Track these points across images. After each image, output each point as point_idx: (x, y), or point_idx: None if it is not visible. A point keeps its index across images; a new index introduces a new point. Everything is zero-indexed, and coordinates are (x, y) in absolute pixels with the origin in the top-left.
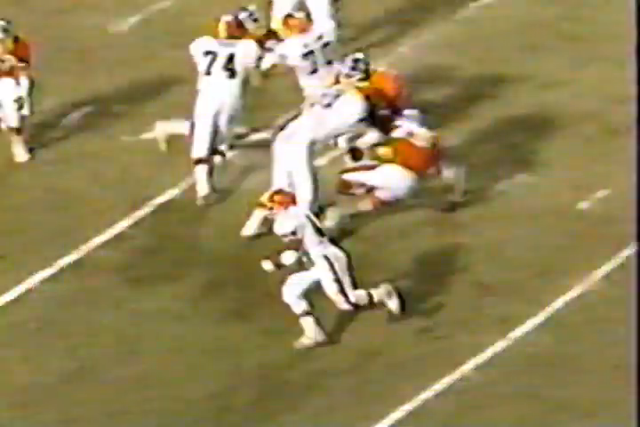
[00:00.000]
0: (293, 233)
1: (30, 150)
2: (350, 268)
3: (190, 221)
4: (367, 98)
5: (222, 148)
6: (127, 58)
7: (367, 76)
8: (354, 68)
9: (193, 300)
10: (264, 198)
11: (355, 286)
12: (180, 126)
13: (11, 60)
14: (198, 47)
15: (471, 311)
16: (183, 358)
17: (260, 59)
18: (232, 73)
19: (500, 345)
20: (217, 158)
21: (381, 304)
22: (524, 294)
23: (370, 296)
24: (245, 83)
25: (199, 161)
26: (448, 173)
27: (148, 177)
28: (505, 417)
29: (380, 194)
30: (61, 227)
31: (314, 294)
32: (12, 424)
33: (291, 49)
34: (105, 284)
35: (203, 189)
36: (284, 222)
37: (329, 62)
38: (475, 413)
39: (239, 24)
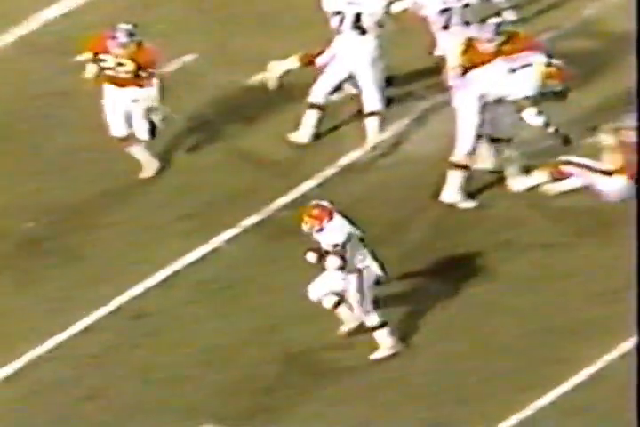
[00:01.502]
0: (343, 246)
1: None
2: (377, 283)
3: (376, 182)
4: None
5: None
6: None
7: (508, 40)
8: (497, 33)
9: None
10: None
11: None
12: (291, 61)
13: (130, 66)
14: (329, 6)
15: None
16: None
17: (390, 3)
18: (362, 31)
19: None
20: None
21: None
22: None
23: (380, 326)
24: (380, 39)
25: (313, 106)
26: None
27: (333, 138)
28: None
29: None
30: (245, 188)
31: None
32: (199, 381)
33: (430, 0)
34: (287, 244)
35: (305, 133)
36: (335, 233)
37: (466, 23)
38: None
39: None
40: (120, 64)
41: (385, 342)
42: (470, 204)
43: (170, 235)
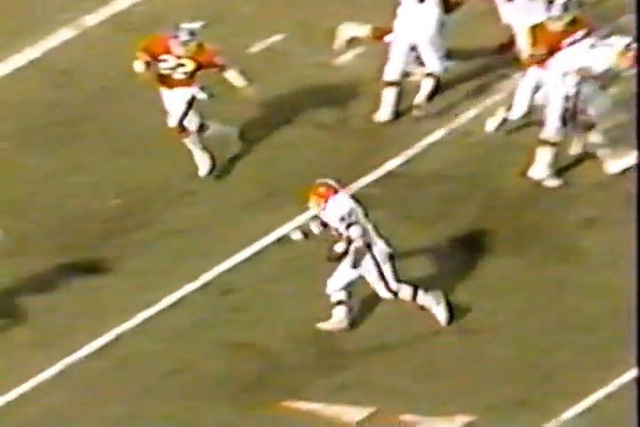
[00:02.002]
0: (349, 215)
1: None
2: (391, 259)
3: (460, 159)
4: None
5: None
6: None
7: (574, 20)
8: (565, 10)
9: (463, 237)
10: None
11: (397, 278)
12: (363, 30)
13: (190, 66)
14: None
15: None
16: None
17: None
18: None
19: None
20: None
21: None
22: None
23: (414, 292)
24: (441, 8)
25: (389, 83)
26: None
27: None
28: None
29: None
30: (331, 165)
31: None
32: (284, 357)
33: None
34: (374, 220)
35: (386, 111)
36: (339, 206)
37: None
38: None
39: None
40: (180, 64)
41: (430, 303)
42: (556, 182)
43: (258, 211)
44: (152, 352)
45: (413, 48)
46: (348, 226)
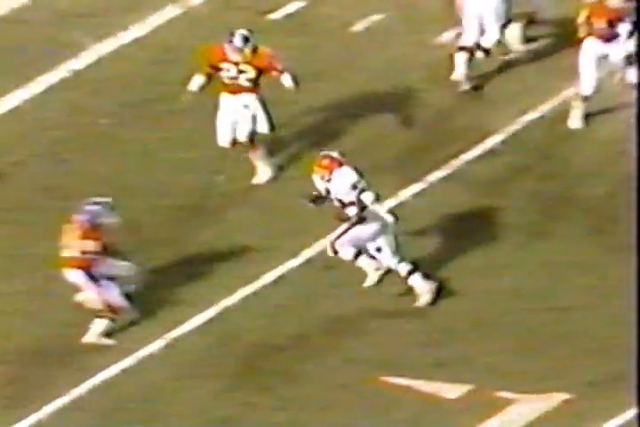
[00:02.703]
0: (354, 186)
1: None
2: (395, 234)
3: (560, 138)
4: None
5: (487, 45)
6: None
7: None
8: None
9: (554, 217)
10: None
11: (398, 253)
12: None
13: (251, 72)
14: None
15: None
16: (550, 273)
17: None
18: None
19: None
20: (479, 53)
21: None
22: None
23: (409, 273)
24: None
25: (462, 48)
26: None
27: (519, 94)
28: None
29: None
30: (431, 142)
31: None
32: (384, 334)
33: None
34: (473, 198)
35: (458, 73)
36: (347, 176)
37: None
38: None
39: None
40: (242, 71)
41: (421, 288)
42: None
43: None
44: (253, 328)
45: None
46: (361, 192)
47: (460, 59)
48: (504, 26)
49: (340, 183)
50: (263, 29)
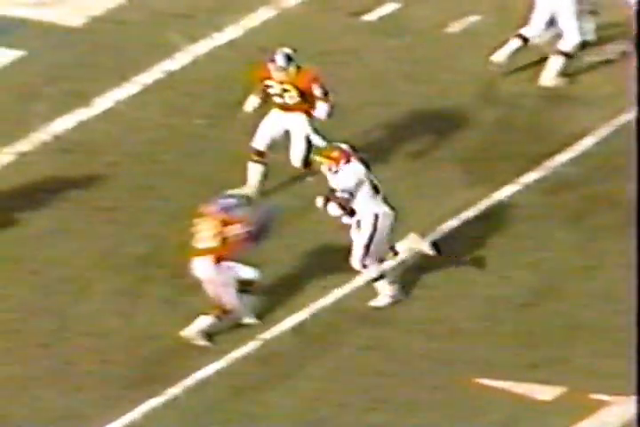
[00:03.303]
0: (352, 190)
1: None
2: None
3: None
4: None
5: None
6: None
7: None
8: None
9: None
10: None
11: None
12: None
13: (294, 91)
14: None
15: None
16: None
17: None
18: None
19: None
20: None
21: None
22: None
23: (393, 251)
24: None
25: (519, 35)
26: None
27: (611, 96)
28: None
29: None
30: (523, 145)
31: None
32: (477, 336)
33: None
34: (565, 200)
35: (500, 56)
36: (348, 177)
37: None
38: None
39: None
40: (285, 90)
41: (384, 290)
42: None
43: (453, 189)
44: (346, 329)
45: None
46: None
47: (513, 44)
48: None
49: (347, 177)
50: (357, 31)
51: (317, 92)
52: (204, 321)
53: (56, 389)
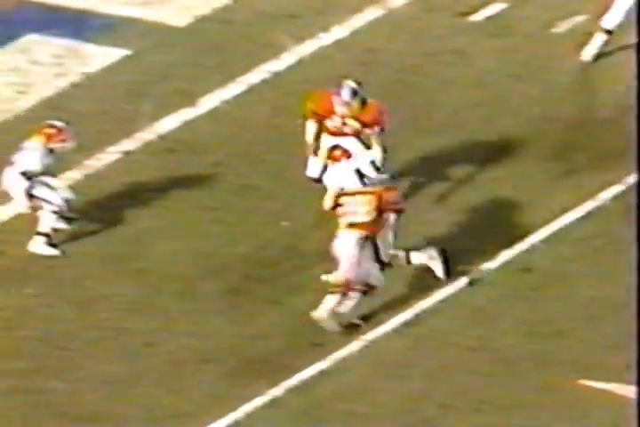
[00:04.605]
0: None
1: None
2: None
3: None
4: None
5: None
6: None
7: None
8: None
9: None
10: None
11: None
12: None
13: (354, 126)
14: None
15: None
16: None
17: None
18: None
19: None
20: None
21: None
22: None
23: (407, 257)
24: None
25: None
26: None
27: None
28: None
29: None
30: (630, 144)
31: None
32: (581, 335)
33: None
34: None
35: (590, 52)
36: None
37: None
38: None
39: None
40: (345, 124)
41: (424, 260)
42: None
43: (557, 190)
44: (449, 330)
45: None
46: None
47: (598, 40)
48: None
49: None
50: (463, 31)
51: (384, 124)
52: (331, 300)
53: (161, 387)
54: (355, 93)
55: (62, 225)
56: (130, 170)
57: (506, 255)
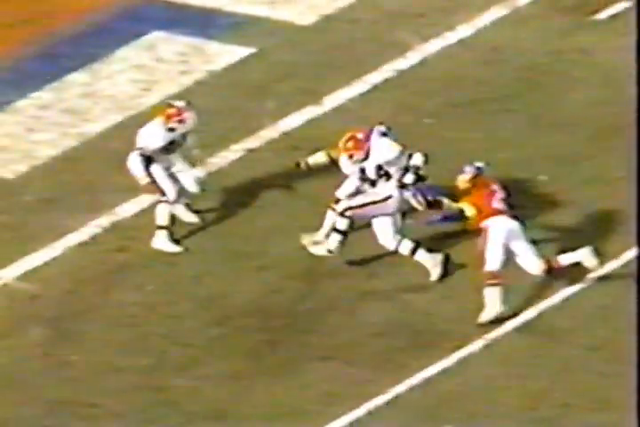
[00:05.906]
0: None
1: None
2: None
3: None
4: None
5: None
6: None
7: None
8: None
9: None
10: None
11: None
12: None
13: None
14: None
15: None
16: None
17: None
18: None
19: None
20: None
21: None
22: None
23: (414, 249)
24: None
25: None
26: None
27: None
28: None
29: None
30: None
31: None
32: None
33: None
34: None
35: None
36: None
37: None
38: None
39: None
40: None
41: (429, 262)
42: None
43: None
44: (572, 328)
45: None
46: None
47: None
48: None
49: (383, 153)
50: (587, 30)
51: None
52: (492, 293)
53: (281, 385)
54: (383, 135)
55: (192, 218)
56: (253, 167)
57: (628, 255)
